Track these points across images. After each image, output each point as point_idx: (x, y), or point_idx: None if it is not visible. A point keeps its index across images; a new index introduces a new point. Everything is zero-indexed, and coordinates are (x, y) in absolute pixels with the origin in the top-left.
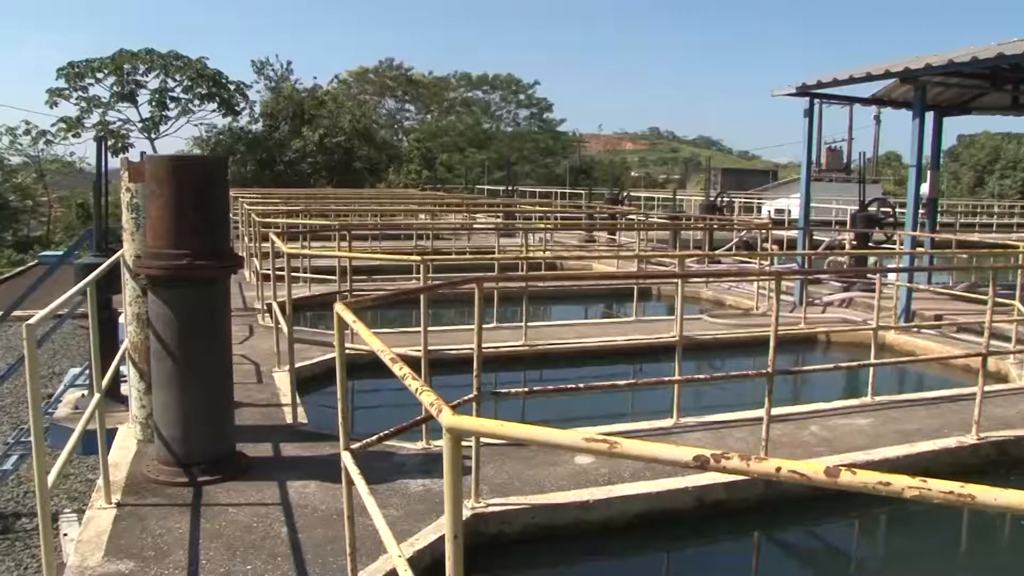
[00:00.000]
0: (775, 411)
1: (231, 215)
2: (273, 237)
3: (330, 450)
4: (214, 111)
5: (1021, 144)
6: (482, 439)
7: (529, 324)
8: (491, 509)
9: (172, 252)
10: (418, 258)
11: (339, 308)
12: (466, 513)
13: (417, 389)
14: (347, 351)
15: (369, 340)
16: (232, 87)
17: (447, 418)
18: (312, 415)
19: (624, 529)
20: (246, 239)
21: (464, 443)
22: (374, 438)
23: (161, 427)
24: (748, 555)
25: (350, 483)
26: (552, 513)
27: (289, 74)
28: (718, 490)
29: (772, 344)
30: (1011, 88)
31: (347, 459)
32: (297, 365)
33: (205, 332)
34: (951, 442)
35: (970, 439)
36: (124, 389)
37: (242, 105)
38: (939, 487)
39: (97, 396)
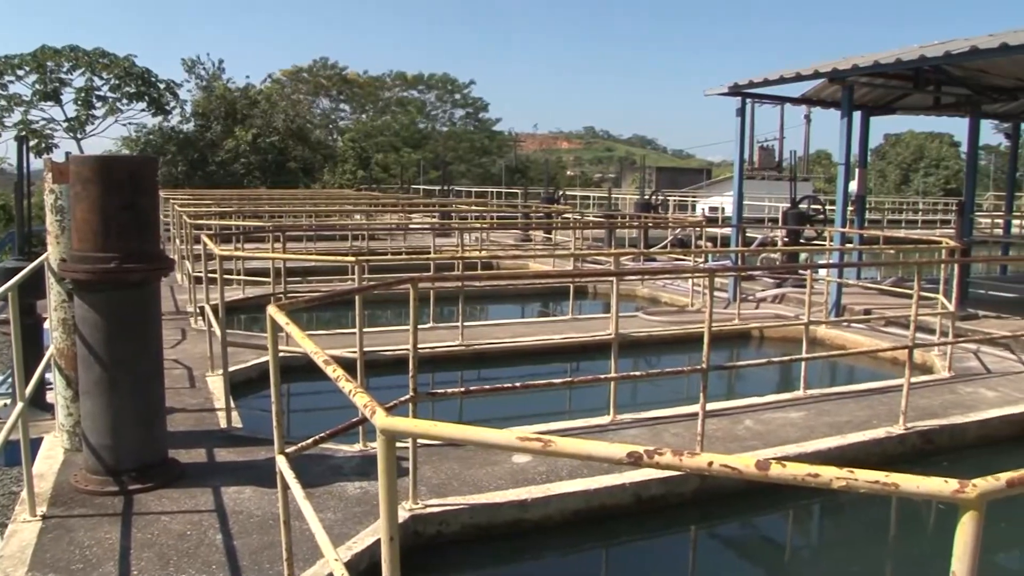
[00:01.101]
0: (710, 406)
1: (161, 217)
2: (205, 239)
3: (265, 454)
4: (143, 111)
5: (943, 143)
6: (419, 440)
7: (465, 324)
8: (429, 510)
9: (99, 255)
10: (352, 259)
11: (271, 310)
12: (404, 515)
13: (351, 391)
14: (281, 354)
15: (302, 342)
16: (162, 86)
17: (381, 419)
18: (247, 419)
19: (562, 527)
20: (177, 241)
21: (402, 444)
22: (309, 441)
23: (89, 435)
24: (685, 549)
25: (285, 487)
26: (490, 513)
27: (221, 73)
28: (655, 486)
29: (706, 340)
30: (933, 89)
31: (282, 463)
32: (231, 369)
33: (135, 336)
34: (880, 433)
35: (898, 429)
36: (50, 397)
37: (172, 104)
38: (865, 477)
39: (20, 405)
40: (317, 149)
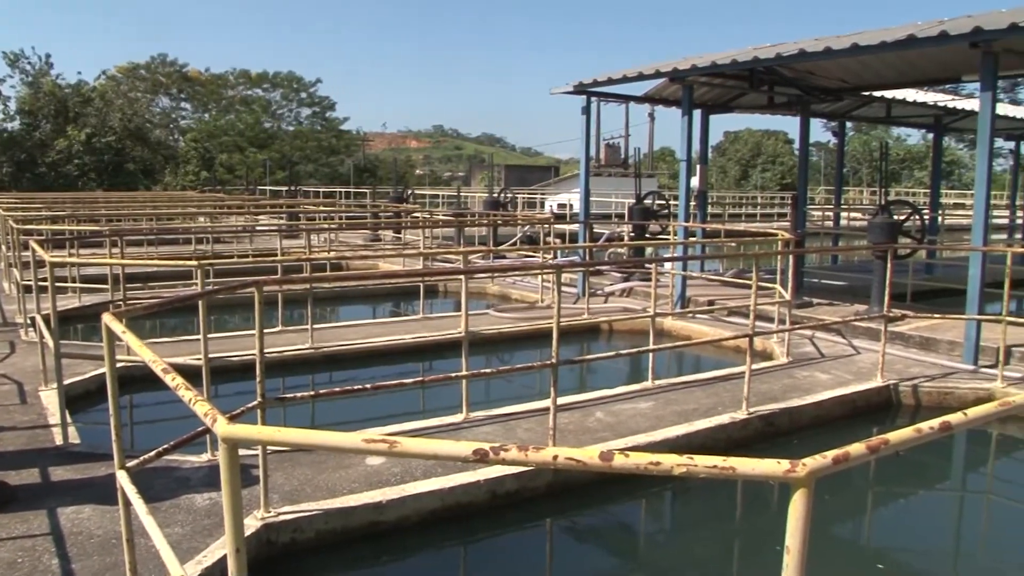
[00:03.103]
0: (562, 400)
1: None
2: (34, 245)
3: (106, 470)
4: None
5: (779, 140)
6: (270, 446)
7: (315, 326)
8: (282, 518)
9: None
10: (195, 263)
11: (107, 318)
12: (256, 524)
13: (191, 399)
14: (121, 363)
15: (139, 351)
16: None
17: (222, 428)
18: (86, 434)
19: (420, 527)
20: (4, 248)
21: (253, 452)
22: (152, 453)
23: None
24: (542, 541)
25: (127, 504)
26: (345, 517)
27: (49, 68)
28: (509, 481)
29: (555, 335)
30: (767, 89)
31: (122, 478)
32: (67, 382)
33: None
34: (724, 419)
35: (741, 415)
36: None
37: None
38: (704, 463)
39: None
40: (157, 150)
